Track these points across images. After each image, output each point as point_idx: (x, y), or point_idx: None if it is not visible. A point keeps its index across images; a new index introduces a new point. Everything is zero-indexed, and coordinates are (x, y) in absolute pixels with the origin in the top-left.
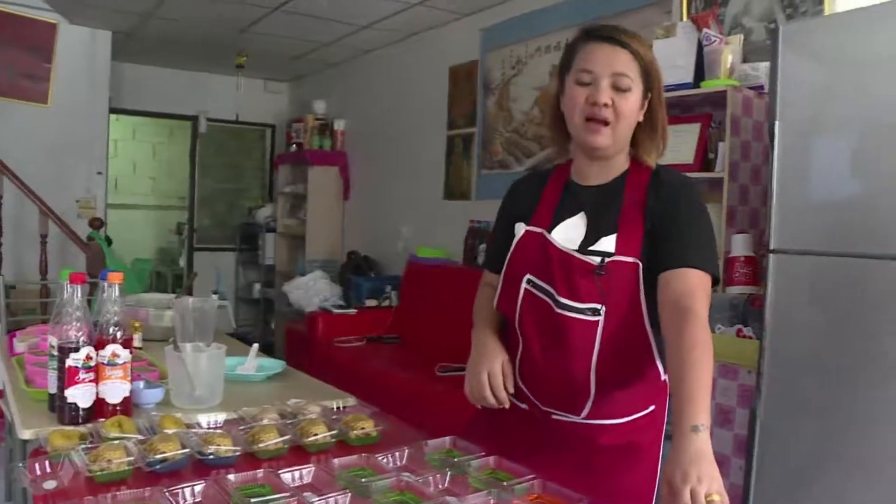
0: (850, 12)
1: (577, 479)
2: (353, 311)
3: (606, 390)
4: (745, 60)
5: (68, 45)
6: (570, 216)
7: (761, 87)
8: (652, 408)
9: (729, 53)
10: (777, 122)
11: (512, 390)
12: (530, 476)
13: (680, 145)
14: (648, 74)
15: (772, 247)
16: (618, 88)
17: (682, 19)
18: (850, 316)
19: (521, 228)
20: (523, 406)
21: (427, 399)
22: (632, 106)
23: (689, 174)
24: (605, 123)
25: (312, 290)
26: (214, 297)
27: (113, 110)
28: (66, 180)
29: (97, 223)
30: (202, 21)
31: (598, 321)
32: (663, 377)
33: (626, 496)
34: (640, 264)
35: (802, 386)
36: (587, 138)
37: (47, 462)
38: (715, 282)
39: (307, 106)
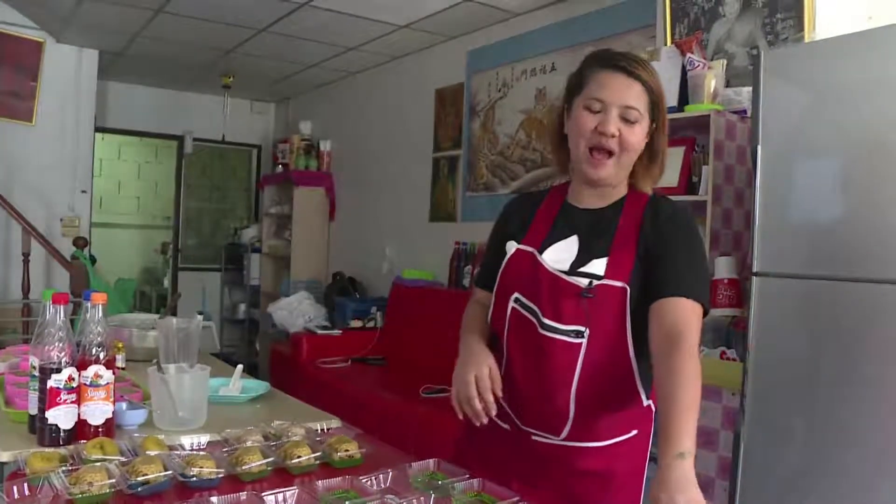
0: (830, 40)
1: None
2: (337, 332)
3: (586, 413)
4: (727, 85)
5: (54, 63)
6: (563, 238)
7: (744, 111)
8: (634, 432)
9: (712, 78)
10: (759, 147)
11: (500, 394)
12: (514, 499)
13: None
14: (656, 106)
15: (755, 269)
16: (626, 120)
17: (666, 44)
18: (833, 338)
19: (512, 246)
20: (505, 426)
21: (412, 421)
22: (638, 138)
23: (673, 197)
24: (610, 154)
25: (297, 311)
26: (199, 317)
27: (98, 129)
28: (51, 199)
29: (81, 242)
30: (189, 41)
31: (580, 343)
32: (646, 403)
33: None
34: (629, 289)
35: (786, 408)
36: (589, 170)
37: (26, 485)
38: (705, 313)
39: (293, 127)
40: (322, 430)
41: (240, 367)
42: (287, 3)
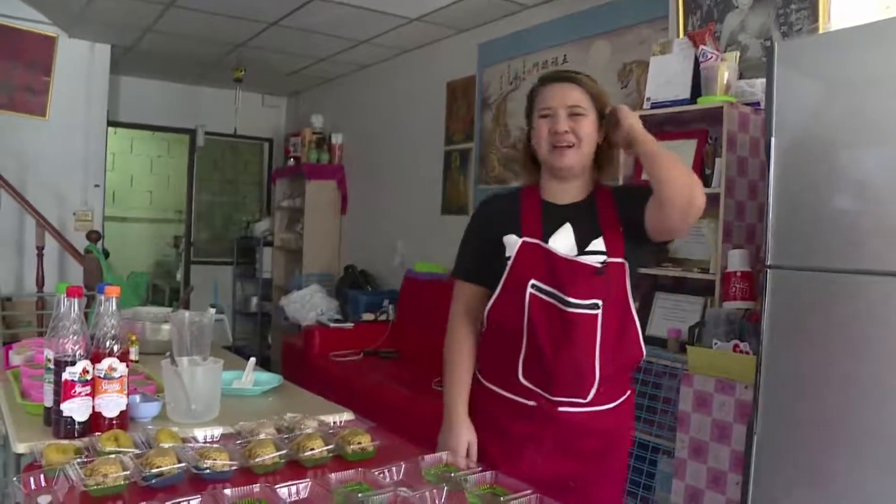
0: (845, 30)
1: (570, 465)
2: (349, 325)
3: (607, 373)
4: (741, 77)
5: (67, 58)
6: (557, 227)
7: (757, 103)
8: (628, 393)
9: (725, 70)
10: (773, 139)
11: (476, 468)
12: (527, 491)
13: None
14: (599, 102)
15: (768, 262)
16: (574, 115)
17: (678, 36)
18: (847, 331)
19: (515, 240)
20: (531, 403)
21: (424, 414)
22: (588, 128)
23: None
24: (570, 146)
25: (309, 304)
26: (212, 310)
27: (111, 123)
28: (64, 193)
29: (94, 236)
30: (200, 36)
31: (597, 314)
32: (643, 358)
33: (607, 478)
34: (627, 263)
35: (799, 402)
36: (555, 161)
37: (42, 476)
38: None
39: (305, 120)
40: (335, 422)
41: (252, 360)
42: None
